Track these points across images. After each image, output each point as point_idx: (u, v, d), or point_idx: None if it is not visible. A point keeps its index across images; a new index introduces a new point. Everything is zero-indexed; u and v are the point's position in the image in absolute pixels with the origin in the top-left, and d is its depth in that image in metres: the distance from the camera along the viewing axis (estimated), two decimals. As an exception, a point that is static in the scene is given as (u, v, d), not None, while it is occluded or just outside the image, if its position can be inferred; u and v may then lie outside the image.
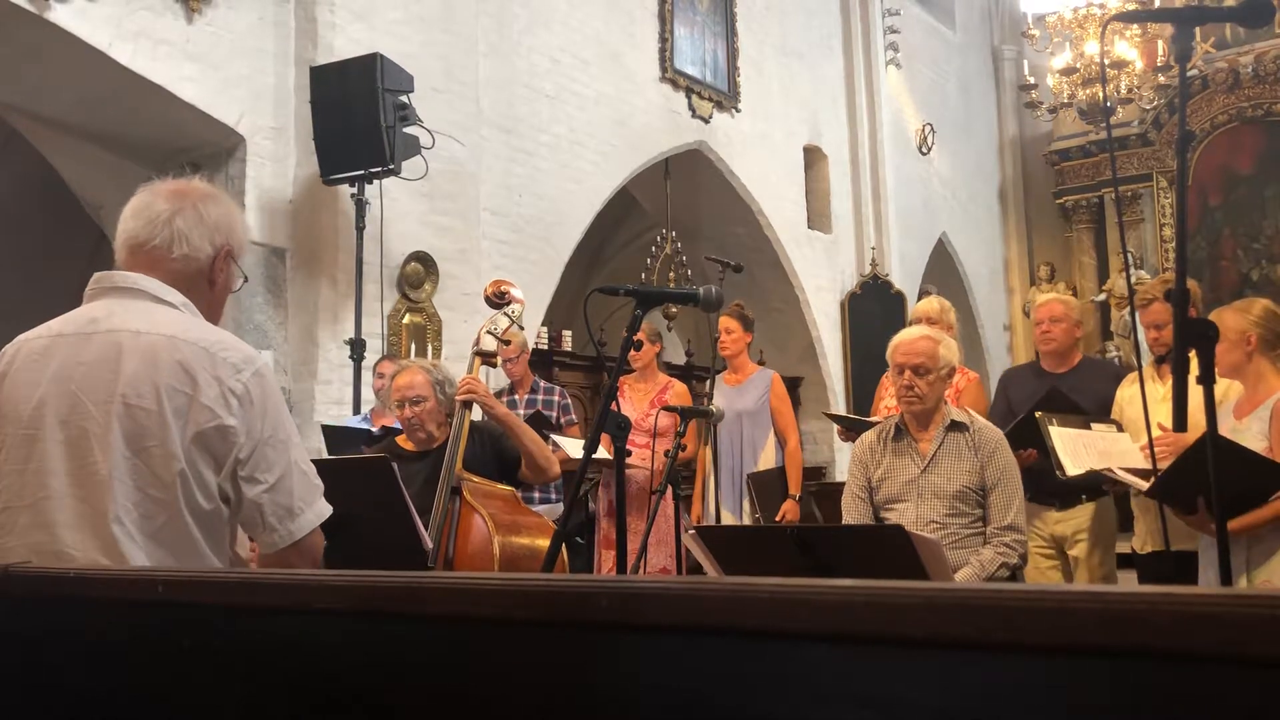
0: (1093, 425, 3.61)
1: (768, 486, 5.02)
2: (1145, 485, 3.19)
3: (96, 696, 1.33)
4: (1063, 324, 4.05)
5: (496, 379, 5.69)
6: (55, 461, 1.68)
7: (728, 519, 5.00)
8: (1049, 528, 3.96)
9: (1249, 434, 2.95)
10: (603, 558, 5.18)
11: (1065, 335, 4.06)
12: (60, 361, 1.72)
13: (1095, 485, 3.87)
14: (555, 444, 5.33)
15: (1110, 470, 3.43)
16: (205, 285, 1.86)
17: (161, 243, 1.81)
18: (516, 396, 5.40)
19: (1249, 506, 2.83)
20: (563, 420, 5.41)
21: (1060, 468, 3.41)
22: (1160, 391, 3.58)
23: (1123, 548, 4.05)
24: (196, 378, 1.68)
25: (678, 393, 5.22)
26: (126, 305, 1.77)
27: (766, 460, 5.07)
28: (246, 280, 2.00)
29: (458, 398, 3.27)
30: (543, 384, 5.60)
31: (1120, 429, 3.65)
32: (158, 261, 1.81)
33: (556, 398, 5.49)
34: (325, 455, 4.55)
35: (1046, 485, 3.83)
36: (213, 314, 1.91)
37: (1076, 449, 3.47)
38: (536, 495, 5.15)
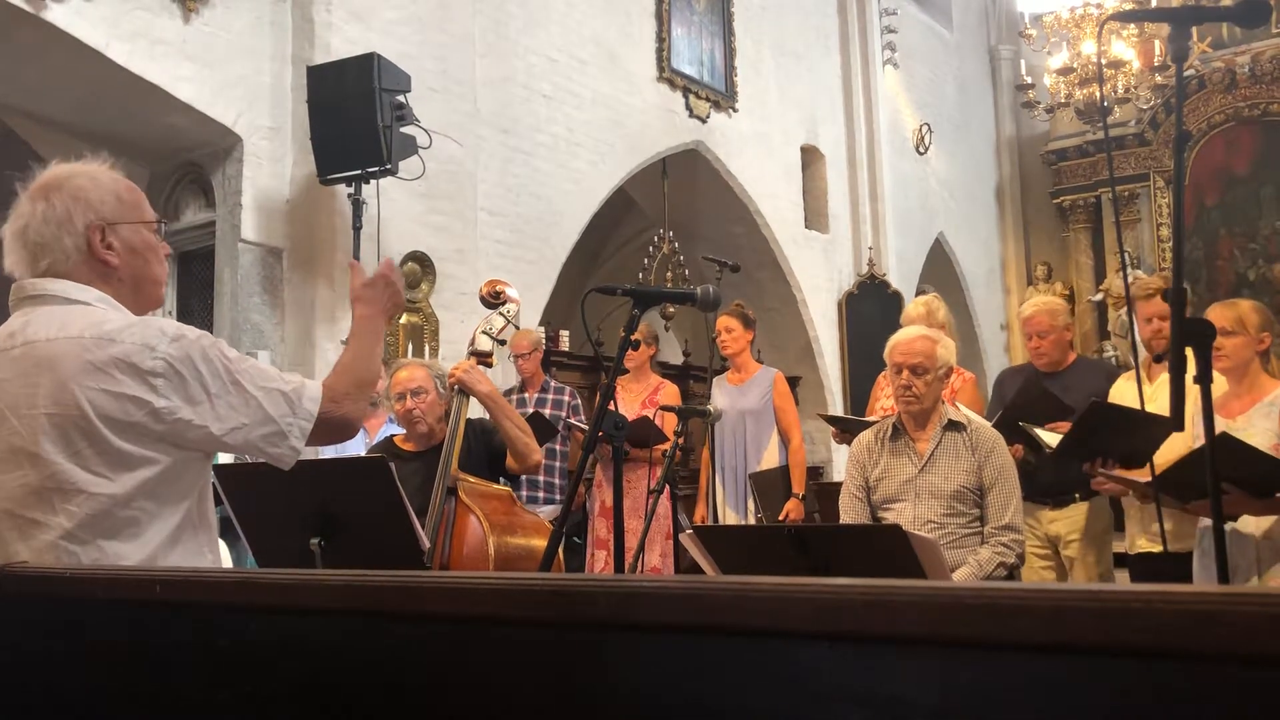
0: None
1: (769, 485, 5.03)
2: (1143, 479, 3.18)
3: (93, 696, 1.32)
4: (1050, 336, 4.06)
5: (508, 379, 5.71)
6: None
7: (731, 518, 5.00)
8: (1043, 527, 3.96)
9: (1250, 430, 2.95)
10: (594, 558, 5.18)
11: (1054, 346, 4.07)
12: None
13: (1089, 481, 3.88)
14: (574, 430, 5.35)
15: (1103, 472, 3.44)
16: (101, 268, 1.81)
17: (28, 260, 1.79)
18: (526, 394, 5.41)
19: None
20: (573, 420, 5.41)
21: (1048, 446, 3.53)
22: (1148, 390, 3.58)
23: (1119, 548, 4.05)
24: (111, 372, 1.67)
25: (669, 393, 5.25)
26: (39, 313, 1.76)
27: (770, 459, 5.08)
28: (162, 222, 1.97)
29: (449, 382, 3.30)
30: (553, 383, 5.62)
31: None
32: (52, 279, 1.79)
33: (566, 398, 5.50)
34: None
35: (1039, 484, 3.84)
36: (140, 286, 1.86)
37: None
38: (541, 495, 5.16)
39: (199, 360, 1.73)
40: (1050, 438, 3.62)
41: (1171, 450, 3.06)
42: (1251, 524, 2.95)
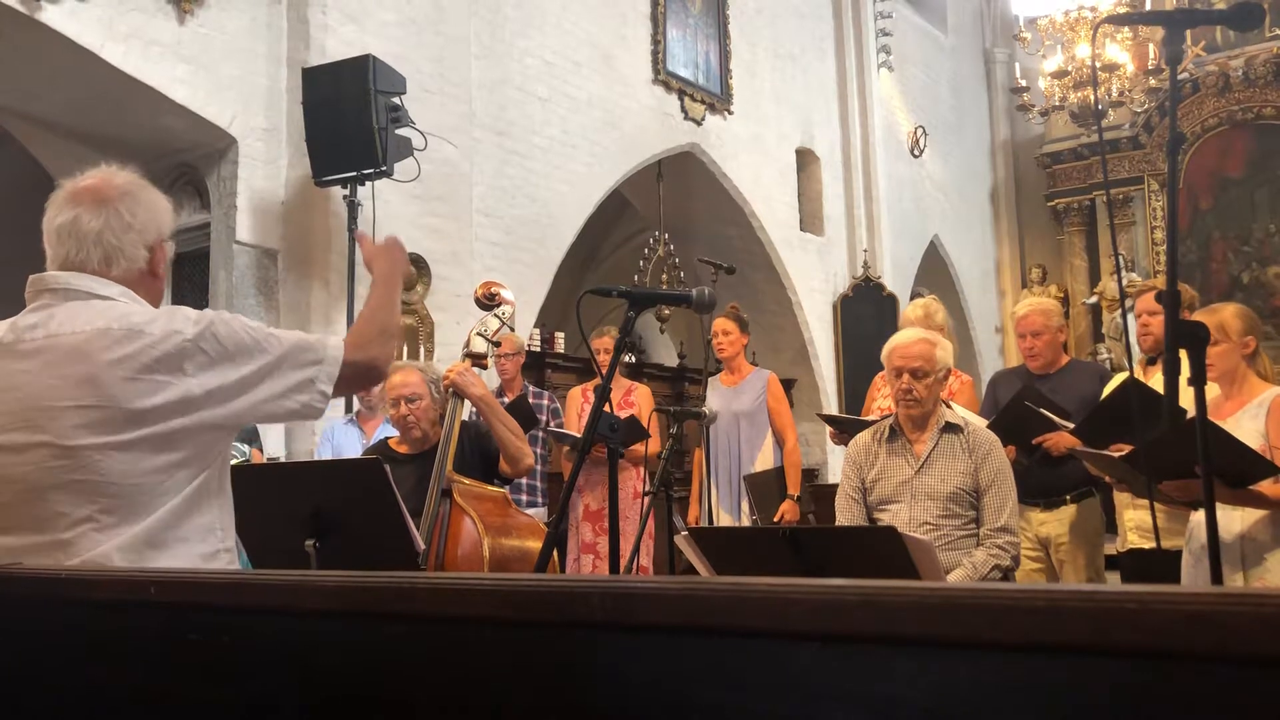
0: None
1: (764, 487, 5.02)
2: (1118, 454, 3.18)
3: (88, 698, 1.32)
4: (1044, 336, 4.08)
5: (489, 382, 5.69)
6: (2, 469, 1.70)
7: (725, 520, 5.00)
8: (1033, 528, 3.97)
9: (1238, 432, 2.96)
10: (580, 562, 5.17)
11: (1048, 346, 4.09)
12: (3, 371, 1.74)
13: (1080, 482, 3.89)
14: (559, 434, 5.36)
15: (1077, 449, 3.46)
16: (149, 280, 1.89)
17: (99, 263, 1.81)
18: (505, 398, 5.41)
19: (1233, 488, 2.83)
20: (552, 424, 5.42)
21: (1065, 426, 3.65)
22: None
23: (1111, 550, 4.06)
24: (142, 361, 1.70)
25: (642, 394, 5.28)
26: (64, 307, 1.77)
27: (764, 460, 5.08)
28: (173, 246, 2.03)
29: (443, 384, 3.29)
30: (531, 388, 5.62)
31: None
32: (97, 275, 1.81)
33: (545, 402, 5.51)
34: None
35: (1030, 485, 3.85)
36: (159, 297, 1.94)
37: None
38: (524, 499, 5.16)
39: (224, 335, 1.77)
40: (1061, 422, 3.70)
41: None
42: (1236, 524, 2.96)
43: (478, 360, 3.31)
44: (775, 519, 4.85)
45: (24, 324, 1.78)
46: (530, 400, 5.42)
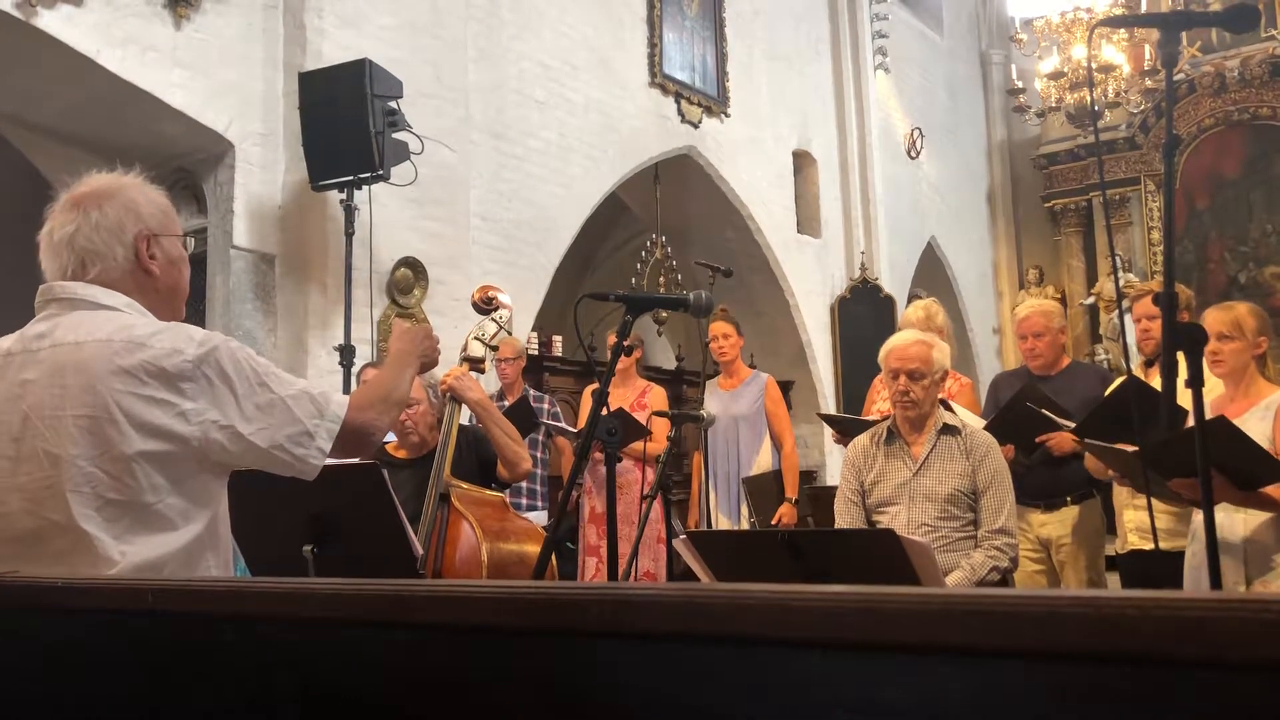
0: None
1: (762, 490, 5.03)
2: (1129, 449, 3.17)
3: (85, 706, 1.32)
4: (1045, 337, 4.08)
5: (488, 386, 5.69)
6: (6, 478, 1.70)
7: (724, 523, 5.00)
8: (1034, 529, 3.97)
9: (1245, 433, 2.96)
10: (586, 565, 5.17)
11: (1049, 348, 4.09)
12: (9, 380, 1.74)
13: (1081, 483, 3.89)
14: (559, 431, 5.36)
15: (1089, 442, 3.46)
16: (143, 278, 1.84)
17: (74, 267, 1.80)
18: (506, 402, 5.41)
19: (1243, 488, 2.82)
20: (554, 425, 5.42)
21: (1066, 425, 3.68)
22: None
23: (1111, 551, 4.06)
24: (140, 376, 1.69)
25: (656, 396, 5.28)
26: (68, 317, 1.77)
27: (762, 464, 5.08)
28: (193, 242, 1.99)
29: (440, 388, 3.30)
30: (532, 392, 5.62)
31: None
32: (82, 279, 1.80)
33: (546, 405, 5.51)
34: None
35: (1031, 486, 3.85)
36: (173, 297, 1.90)
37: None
38: (524, 502, 5.16)
39: (227, 363, 1.75)
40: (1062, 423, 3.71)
41: None
42: (1239, 529, 2.95)
43: (475, 365, 3.31)
44: (773, 522, 4.85)
45: (31, 333, 1.78)
46: (531, 403, 5.43)
